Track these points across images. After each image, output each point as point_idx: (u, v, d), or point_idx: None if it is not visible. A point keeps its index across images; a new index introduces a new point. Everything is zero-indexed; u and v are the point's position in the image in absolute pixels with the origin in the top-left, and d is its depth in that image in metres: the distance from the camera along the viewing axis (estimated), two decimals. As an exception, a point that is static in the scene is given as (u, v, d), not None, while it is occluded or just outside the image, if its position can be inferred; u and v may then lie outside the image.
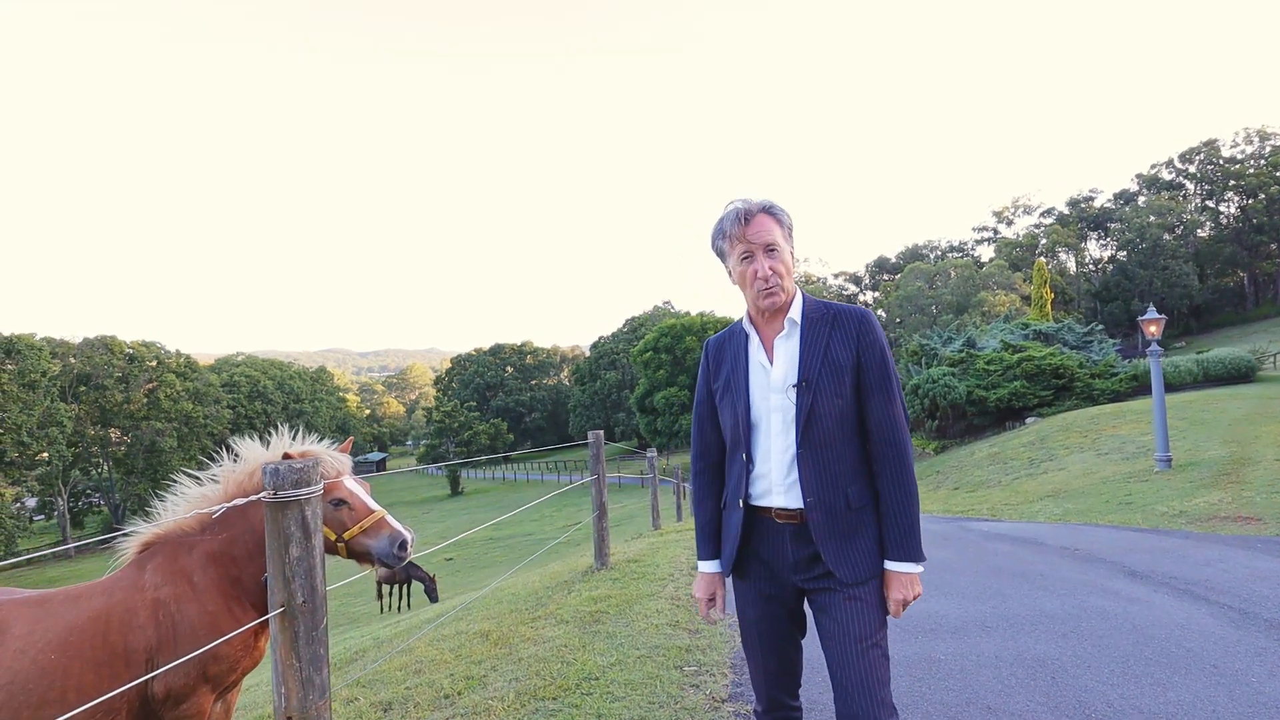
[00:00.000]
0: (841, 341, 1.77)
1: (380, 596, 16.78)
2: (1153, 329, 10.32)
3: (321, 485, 2.00)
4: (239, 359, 71.60)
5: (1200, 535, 6.36)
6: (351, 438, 2.68)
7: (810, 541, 1.74)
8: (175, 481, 2.44)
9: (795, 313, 1.81)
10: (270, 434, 2.49)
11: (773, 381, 1.78)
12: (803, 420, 1.73)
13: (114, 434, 51.32)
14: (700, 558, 1.99)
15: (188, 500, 2.38)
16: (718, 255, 1.90)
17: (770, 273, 1.75)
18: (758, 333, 1.86)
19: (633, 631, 4.09)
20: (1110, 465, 12.18)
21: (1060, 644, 3.60)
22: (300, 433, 2.50)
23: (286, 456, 2.32)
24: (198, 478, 2.44)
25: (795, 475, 1.74)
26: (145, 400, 50.57)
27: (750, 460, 1.81)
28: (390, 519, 2.42)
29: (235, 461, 2.43)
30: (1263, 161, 64.58)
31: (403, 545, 2.38)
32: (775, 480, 1.77)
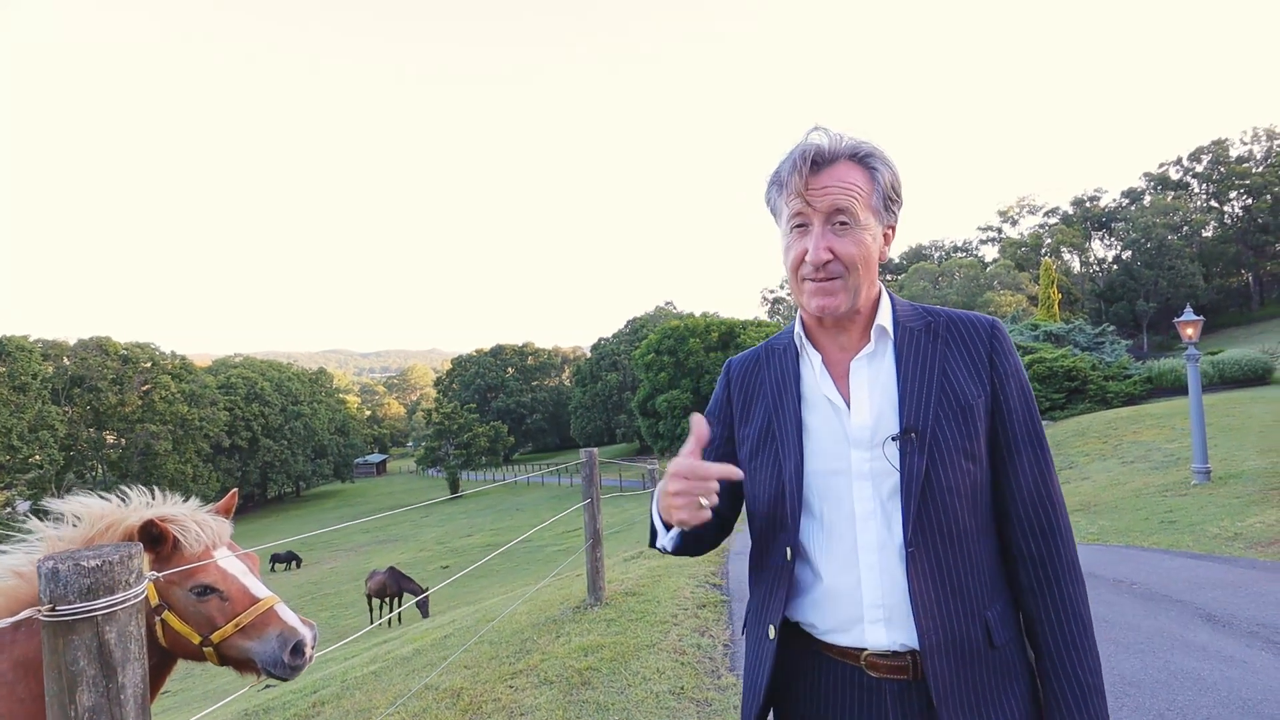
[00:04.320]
0: (964, 365, 1.07)
1: (370, 609, 16.17)
2: (1190, 331, 9.59)
3: (144, 587, 1.32)
4: (236, 360, 70.82)
5: (1269, 565, 5.66)
6: (234, 491, 1.97)
7: (925, 709, 1.03)
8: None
9: (884, 318, 1.10)
10: (123, 492, 1.80)
11: (853, 430, 1.07)
12: (915, 497, 1.01)
13: (108, 437, 50.71)
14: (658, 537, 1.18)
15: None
16: (772, 213, 1.16)
17: (828, 255, 1.04)
18: (817, 349, 1.14)
19: (627, 702, 3.39)
20: (1140, 476, 11.48)
21: (1159, 729, 2.90)
22: (163, 495, 1.79)
23: (147, 527, 1.63)
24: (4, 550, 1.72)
25: (903, 590, 1.02)
26: (140, 403, 49.95)
27: (807, 565, 1.10)
28: (282, 610, 1.70)
29: (60, 526, 1.72)
30: (1270, 161, 63.89)
31: (298, 649, 1.67)
32: (868, 599, 1.04)
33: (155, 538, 1.62)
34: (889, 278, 75.41)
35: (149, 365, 51.86)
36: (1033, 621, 1.06)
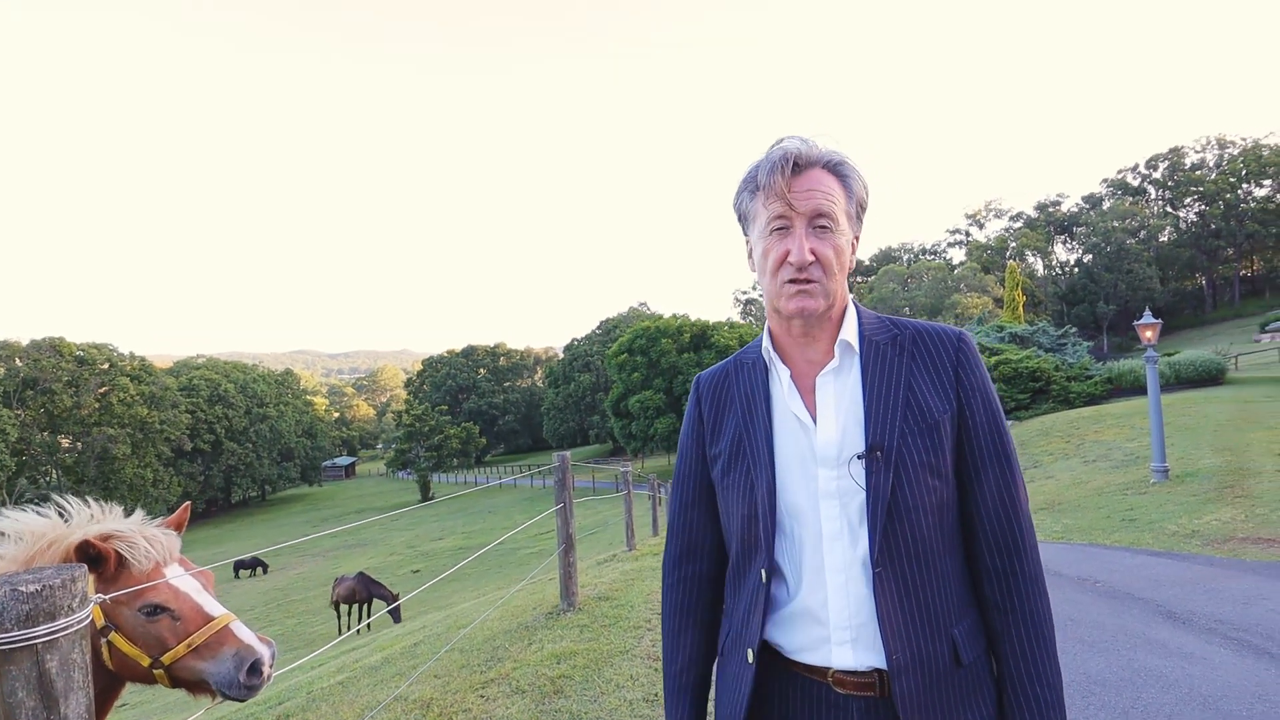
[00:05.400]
0: (930, 380, 1.06)
1: (338, 616, 15.86)
2: (1149, 334, 9.87)
3: (89, 611, 1.25)
4: (199, 362, 69.03)
5: (1225, 561, 5.84)
6: (187, 504, 1.89)
7: None
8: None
9: (849, 331, 1.09)
10: (72, 504, 1.70)
11: (820, 448, 1.05)
12: (881, 516, 1.01)
13: (64, 441, 49.03)
14: None
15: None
16: (739, 219, 1.15)
17: (810, 257, 1.03)
18: (786, 363, 1.13)
19: (600, 710, 3.35)
20: (1101, 474, 11.78)
21: (1124, 727, 2.95)
22: (106, 508, 1.70)
23: (84, 547, 1.55)
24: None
25: (870, 611, 1.02)
26: (97, 405, 48.37)
27: (779, 582, 1.08)
28: (238, 627, 1.63)
29: (2, 543, 1.62)
30: (1221, 169, 66.30)
31: (255, 668, 1.59)
32: (835, 620, 1.03)
33: (95, 558, 1.54)
34: (859, 279, 76.49)
35: (106, 367, 50.26)
36: (996, 636, 1.07)
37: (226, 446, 58.52)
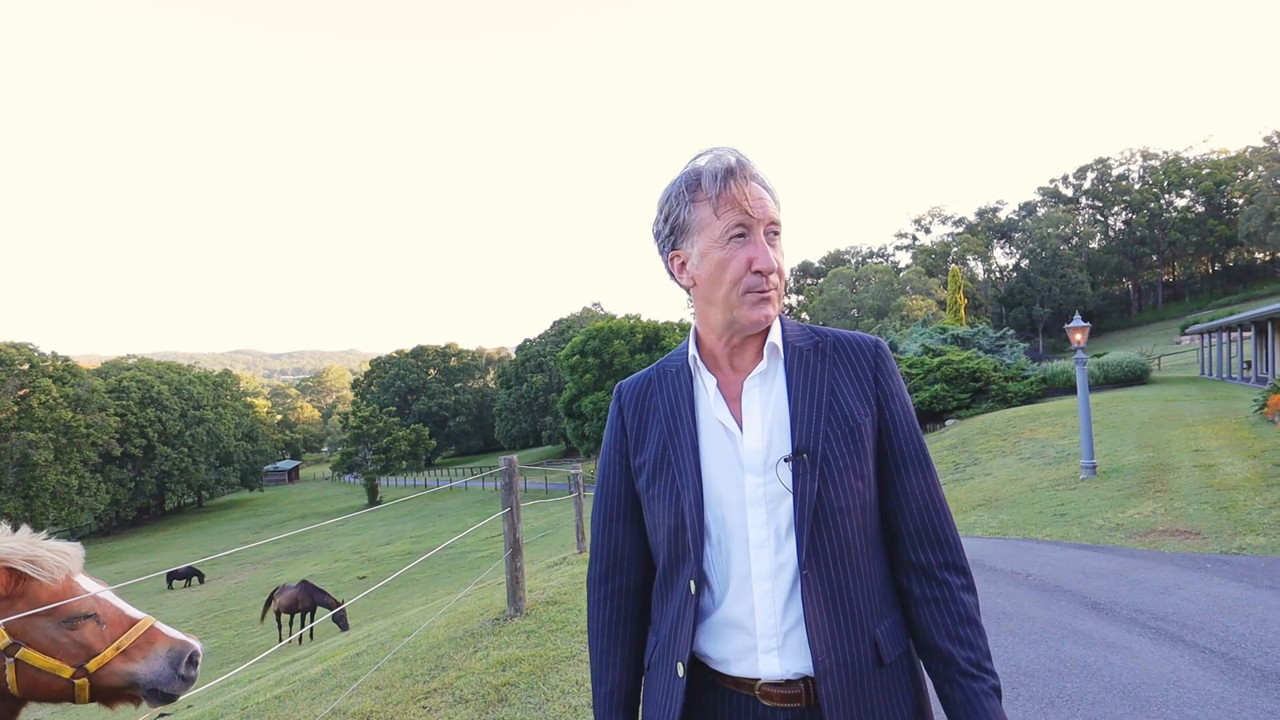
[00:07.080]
0: (852, 385, 1.08)
1: (279, 626, 15.31)
2: (1078, 336, 10.35)
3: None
4: (130, 362, 65.68)
5: (1146, 553, 6.15)
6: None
7: None
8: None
9: (775, 336, 1.10)
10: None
11: (746, 454, 1.05)
12: (808, 519, 1.01)
13: (-22, 446, 46.03)
14: None
15: None
16: (671, 231, 1.12)
17: (776, 265, 1.05)
18: (712, 371, 1.13)
19: (545, 717, 3.31)
20: (1035, 471, 12.27)
21: (1049, 716, 3.07)
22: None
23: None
24: None
25: (797, 616, 1.02)
26: (15, 408, 45.55)
27: (705, 592, 1.08)
28: (164, 627, 1.61)
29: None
30: (1145, 179, 70.21)
31: (192, 660, 1.58)
32: (761, 627, 1.03)
33: None
34: (809, 281, 78.00)
35: (26, 367, 47.41)
36: (928, 629, 1.07)
37: (160, 451, 55.92)
